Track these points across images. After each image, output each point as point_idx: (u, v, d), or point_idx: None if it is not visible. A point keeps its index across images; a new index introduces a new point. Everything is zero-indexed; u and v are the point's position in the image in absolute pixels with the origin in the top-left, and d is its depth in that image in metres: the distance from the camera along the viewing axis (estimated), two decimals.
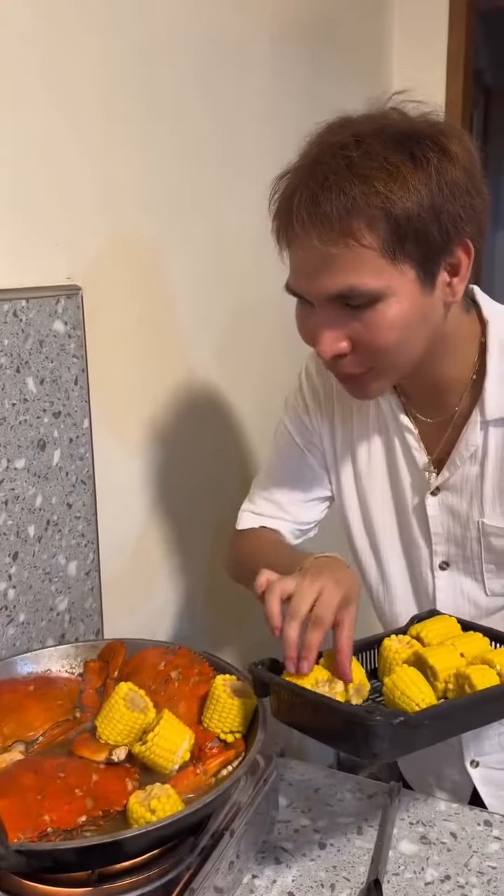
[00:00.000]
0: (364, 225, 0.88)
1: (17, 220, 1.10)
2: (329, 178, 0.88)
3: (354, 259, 0.89)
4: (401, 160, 0.88)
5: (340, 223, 0.88)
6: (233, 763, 0.93)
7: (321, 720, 0.87)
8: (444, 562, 1.14)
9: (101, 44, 1.20)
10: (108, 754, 0.93)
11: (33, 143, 1.10)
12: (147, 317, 1.38)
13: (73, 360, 1.17)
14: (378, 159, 0.88)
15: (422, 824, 1.04)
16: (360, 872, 0.97)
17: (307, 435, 1.21)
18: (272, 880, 0.96)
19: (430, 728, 0.86)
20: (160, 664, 1.05)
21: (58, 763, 0.90)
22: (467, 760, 1.20)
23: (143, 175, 1.33)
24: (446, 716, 0.88)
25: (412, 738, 0.85)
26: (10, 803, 0.82)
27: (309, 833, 1.03)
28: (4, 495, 1.09)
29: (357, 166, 0.88)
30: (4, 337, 1.06)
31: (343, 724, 0.84)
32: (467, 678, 0.90)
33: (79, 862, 0.81)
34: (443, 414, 1.08)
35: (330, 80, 1.92)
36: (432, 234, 0.90)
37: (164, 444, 1.44)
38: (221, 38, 1.50)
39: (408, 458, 1.13)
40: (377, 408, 1.14)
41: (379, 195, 0.87)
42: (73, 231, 1.19)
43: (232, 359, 1.64)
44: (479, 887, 0.94)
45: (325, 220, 0.88)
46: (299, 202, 0.90)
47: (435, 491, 1.11)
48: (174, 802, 0.84)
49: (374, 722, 0.80)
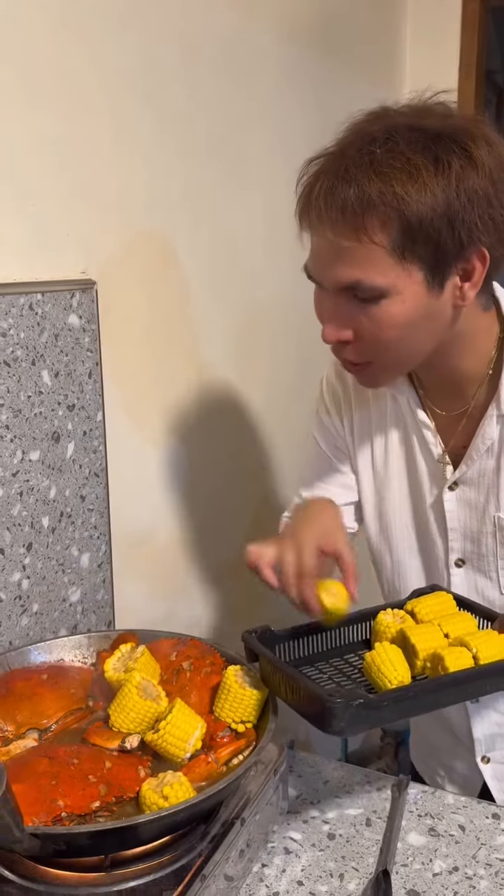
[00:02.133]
0: (377, 223, 0.89)
1: (33, 215, 1.11)
2: (350, 172, 0.89)
3: (363, 254, 0.90)
4: (423, 162, 0.88)
5: (354, 218, 0.89)
6: (244, 752, 0.95)
7: (292, 694, 0.92)
8: (459, 559, 1.14)
9: (115, 46, 1.21)
10: (120, 742, 0.94)
11: (49, 142, 1.12)
12: (159, 312, 1.39)
13: (87, 354, 1.18)
14: (401, 159, 0.88)
15: (430, 817, 1.04)
16: (369, 863, 0.97)
17: (332, 440, 1.22)
18: (281, 869, 0.96)
19: (391, 709, 0.89)
20: (172, 655, 1.06)
21: (71, 750, 0.92)
22: (478, 756, 1.20)
23: (156, 172, 1.34)
24: (409, 697, 0.91)
25: (373, 717, 0.88)
26: (25, 788, 0.83)
27: (318, 824, 1.03)
28: (19, 487, 1.10)
29: (379, 164, 0.88)
30: (20, 330, 1.07)
31: (308, 700, 0.88)
32: (441, 660, 0.92)
33: (92, 846, 0.82)
34: (459, 407, 1.08)
35: (341, 80, 1.93)
36: (444, 239, 0.90)
37: (176, 438, 1.45)
38: (232, 40, 1.51)
39: (425, 452, 1.13)
40: (394, 402, 1.14)
41: (395, 196, 0.87)
42: (88, 226, 1.20)
43: (243, 353, 1.65)
44: (487, 879, 0.95)
45: (339, 212, 0.89)
46: (319, 191, 0.91)
47: (452, 486, 1.11)
48: (186, 789, 0.85)
49: (333, 704, 0.84)
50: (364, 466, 1.20)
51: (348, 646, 1.06)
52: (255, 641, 0.98)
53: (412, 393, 1.11)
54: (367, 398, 1.17)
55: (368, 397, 1.17)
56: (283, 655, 1.01)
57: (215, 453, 1.58)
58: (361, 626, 1.06)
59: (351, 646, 1.06)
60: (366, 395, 1.17)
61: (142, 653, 1.02)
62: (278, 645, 1.01)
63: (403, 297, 0.92)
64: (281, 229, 1.69)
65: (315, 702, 0.86)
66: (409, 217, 0.88)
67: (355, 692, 0.88)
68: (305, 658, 1.03)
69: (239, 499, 1.68)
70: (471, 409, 1.07)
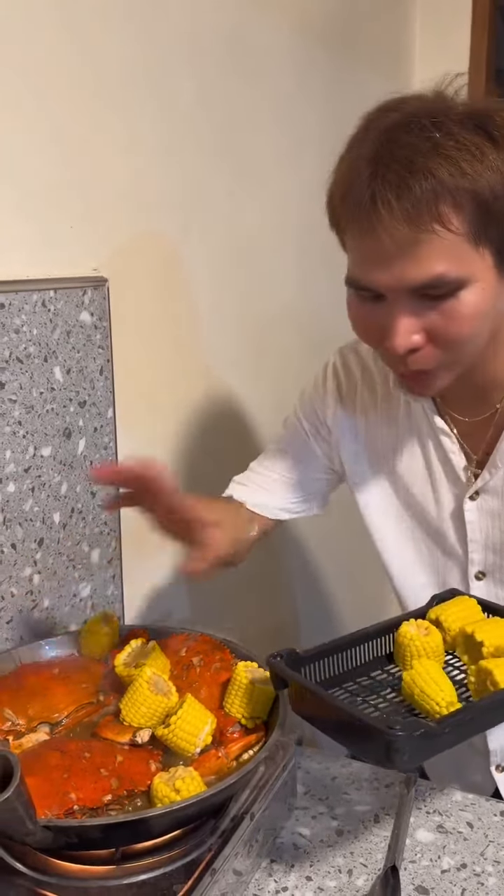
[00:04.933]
0: (451, 208, 0.84)
1: (45, 212, 1.12)
2: (415, 161, 0.83)
3: (442, 245, 0.85)
4: (481, 140, 0.84)
5: (429, 207, 0.83)
6: (253, 748, 0.95)
7: (341, 725, 0.84)
8: (480, 571, 1.10)
9: (124, 43, 1.22)
10: (131, 736, 0.94)
11: (61, 141, 1.13)
12: (170, 309, 1.39)
13: (98, 351, 1.18)
14: (460, 139, 0.83)
15: (438, 814, 1.05)
16: (378, 859, 0.97)
17: (317, 424, 1.18)
18: (290, 865, 0.97)
19: (452, 734, 0.83)
20: (182, 650, 1.07)
21: (83, 744, 0.92)
22: (493, 765, 1.19)
23: (166, 170, 1.35)
24: (469, 721, 0.84)
25: (433, 746, 0.81)
26: (37, 781, 0.83)
27: (326, 820, 1.04)
28: (31, 482, 1.11)
29: (443, 147, 0.83)
30: (33, 327, 1.08)
31: (362, 733, 0.80)
32: (489, 674, 0.87)
33: (104, 839, 0.83)
34: (483, 412, 1.04)
35: (350, 78, 1.93)
36: None
37: (185, 435, 1.45)
38: (243, 37, 1.52)
39: (443, 461, 1.08)
40: (408, 408, 1.10)
41: (466, 176, 0.83)
42: (100, 224, 1.21)
43: (252, 350, 1.65)
44: (496, 876, 0.95)
45: (414, 203, 0.83)
46: (383, 185, 0.84)
47: (474, 495, 1.06)
48: (197, 783, 0.85)
49: (394, 737, 0.76)
50: (373, 473, 1.15)
51: (373, 662, 0.98)
52: (285, 668, 0.89)
53: (428, 399, 1.07)
54: (376, 401, 1.13)
55: (377, 400, 1.13)
56: (310, 677, 0.92)
57: (224, 450, 1.59)
58: (383, 639, 0.99)
59: (376, 661, 0.99)
60: (374, 398, 1.13)
61: (152, 648, 1.02)
62: (304, 668, 0.92)
63: (481, 284, 0.87)
64: (291, 229, 1.70)
65: (372, 736, 0.78)
66: (484, 195, 0.84)
67: (416, 723, 0.80)
68: (332, 679, 0.95)
69: None
70: (497, 416, 1.03)
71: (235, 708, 0.98)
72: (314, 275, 0.98)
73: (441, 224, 0.84)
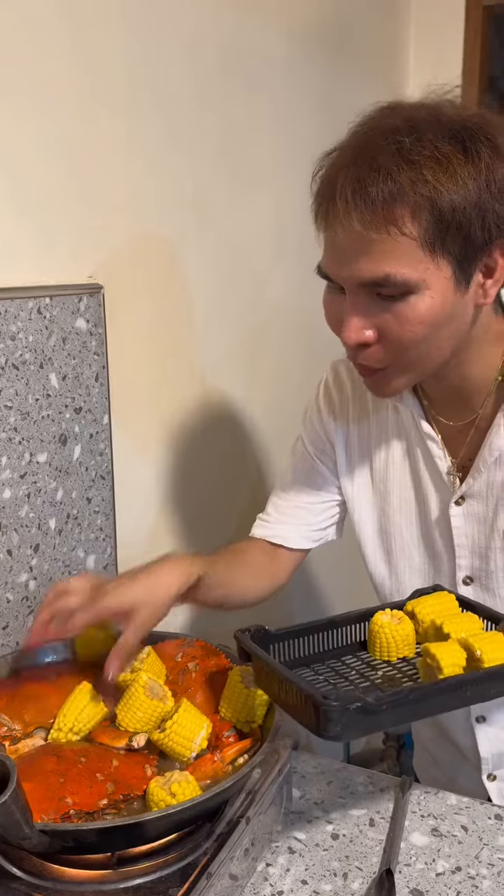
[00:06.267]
0: (408, 213, 0.85)
1: (41, 220, 1.13)
2: (378, 161, 0.85)
3: (393, 247, 0.86)
4: (452, 151, 0.85)
5: (384, 208, 0.85)
6: (249, 752, 0.95)
7: (285, 696, 0.87)
8: (467, 576, 1.10)
9: (121, 49, 1.23)
10: (127, 741, 0.95)
11: (57, 148, 1.13)
12: (165, 316, 1.40)
13: (94, 358, 1.19)
14: (430, 147, 0.84)
15: (433, 817, 1.05)
16: (373, 863, 0.98)
17: (319, 444, 1.19)
18: (286, 869, 0.97)
19: (390, 713, 0.84)
20: (177, 655, 1.07)
21: (79, 748, 0.92)
22: (485, 774, 1.19)
23: (163, 177, 1.35)
24: (409, 702, 0.85)
25: (369, 722, 0.83)
26: (34, 786, 0.84)
27: (322, 824, 1.04)
28: (27, 488, 1.11)
29: (408, 152, 0.84)
30: (29, 333, 1.09)
31: (302, 702, 0.83)
32: (433, 657, 0.88)
33: (100, 843, 0.83)
34: (466, 417, 1.05)
35: (345, 85, 1.94)
36: (474, 231, 0.86)
37: (181, 441, 1.46)
38: (239, 45, 1.53)
39: (430, 466, 1.09)
40: (396, 414, 1.11)
41: (427, 184, 0.84)
42: (96, 231, 1.21)
43: (248, 357, 1.66)
44: (490, 878, 0.96)
45: (369, 203, 0.85)
46: (345, 182, 0.87)
47: (459, 500, 1.07)
48: (193, 788, 0.86)
49: (328, 706, 0.79)
50: (362, 481, 1.16)
51: (345, 647, 1.02)
52: (249, 640, 0.93)
53: (416, 404, 1.08)
54: (367, 410, 1.14)
55: (368, 409, 1.14)
56: (278, 656, 0.97)
57: (220, 456, 1.60)
58: (358, 626, 1.02)
59: (348, 647, 1.02)
60: (365, 406, 1.14)
61: (148, 653, 1.03)
62: (273, 645, 0.97)
63: (432, 293, 0.88)
64: (287, 234, 1.71)
65: (309, 704, 0.81)
66: (442, 207, 0.85)
67: (352, 695, 0.84)
68: (301, 659, 0.99)
69: (240, 501, 1.69)
70: (478, 420, 1.04)
71: (230, 712, 0.99)
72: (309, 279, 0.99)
73: (395, 226, 0.86)
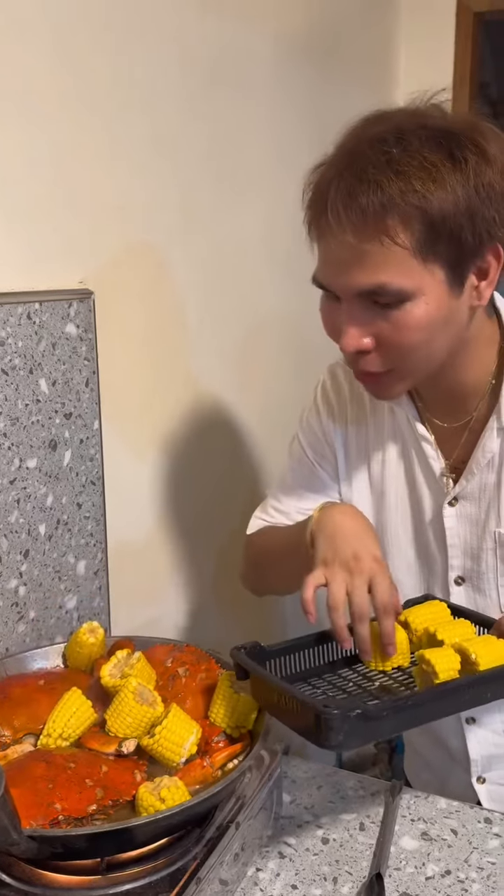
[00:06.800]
0: (399, 223, 0.87)
1: (31, 226, 1.13)
2: (368, 172, 0.87)
3: (386, 256, 0.88)
4: (440, 159, 0.87)
5: (375, 219, 0.87)
6: (238, 757, 0.96)
7: (285, 708, 0.88)
8: (459, 576, 1.12)
9: (110, 58, 1.23)
10: (117, 746, 0.95)
11: (48, 154, 1.14)
12: (156, 321, 1.41)
13: (84, 363, 1.19)
14: (417, 157, 0.86)
15: (423, 821, 1.06)
16: (363, 867, 0.98)
17: (319, 448, 1.20)
18: (276, 873, 0.97)
19: (391, 719, 0.85)
20: (167, 661, 1.07)
21: (68, 754, 0.93)
22: (474, 777, 1.20)
23: (153, 183, 1.36)
24: (409, 708, 0.87)
25: (370, 729, 0.84)
26: (22, 792, 0.84)
27: (312, 828, 1.04)
28: (17, 494, 1.11)
29: (396, 162, 0.86)
30: (18, 339, 1.09)
31: (302, 713, 0.84)
32: (428, 662, 0.90)
33: (89, 848, 0.83)
34: (460, 419, 1.07)
35: (335, 92, 1.95)
36: (465, 236, 0.88)
37: (171, 446, 1.47)
38: (227, 54, 1.53)
39: (424, 467, 1.11)
40: (392, 416, 1.13)
41: (416, 193, 0.86)
42: (86, 237, 1.22)
43: (238, 362, 1.67)
44: (479, 882, 0.96)
45: (360, 214, 0.87)
46: (335, 194, 0.89)
47: (452, 501, 1.09)
48: (182, 793, 0.86)
49: (329, 715, 0.80)
50: (360, 482, 1.17)
51: (340, 660, 1.02)
52: (245, 657, 0.94)
53: (411, 406, 1.09)
54: (364, 412, 1.15)
55: (365, 411, 1.15)
56: (274, 672, 0.97)
57: (211, 461, 1.60)
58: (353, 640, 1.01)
59: (343, 660, 1.02)
60: (363, 409, 1.15)
61: (138, 659, 1.03)
62: (268, 661, 0.97)
63: (427, 299, 0.90)
64: (277, 240, 1.71)
65: (309, 715, 0.82)
66: (433, 215, 0.86)
67: (352, 703, 0.85)
68: (297, 674, 1.00)
69: (233, 507, 1.70)
70: (472, 422, 1.06)
71: (220, 718, 0.99)
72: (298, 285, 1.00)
73: (387, 236, 0.88)
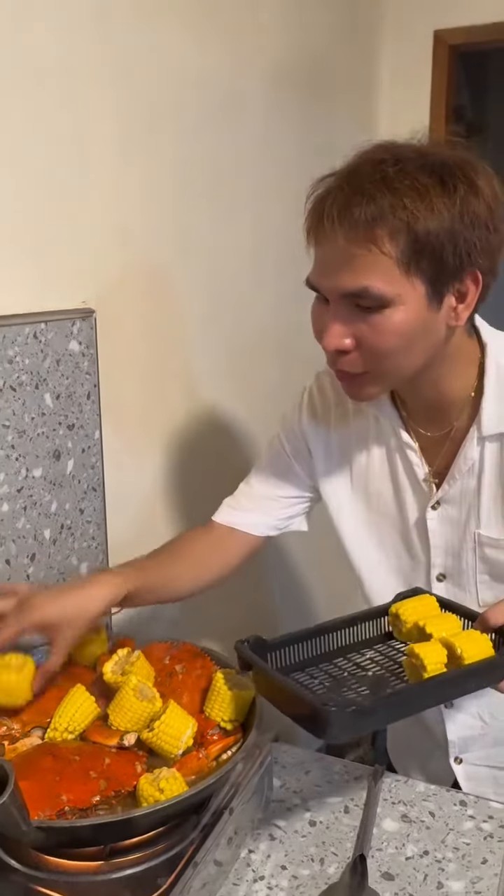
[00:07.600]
0: (387, 234, 0.93)
1: (36, 250, 1.18)
2: (364, 186, 0.94)
3: (372, 263, 0.95)
4: (431, 183, 0.93)
5: (366, 228, 0.94)
6: (232, 748, 1.02)
7: (287, 703, 0.93)
8: (441, 574, 1.17)
9: (116, 91, 1.28)
10: (119, 740, 1.00)
11: (53, 180, 1.18)
12: (153, 336, 1.45)
13: (86, 377, 1.25)
14: (410, 178, 0.93)
15: (403, 804, 1.11)
16: (347, 848, 1.04)
17: (297, 444, 1.25)
18: (267, 855, 1.03)
19: (383, 713, 0.92)
20: (165, 658, 1.13)
21: (73, 747, 0.98)
22: (451, 757, 1.26)
23: (152, 208, 1.41)
24: (399, 702, 0.92)
25: (365, 722, 0.89)
26: (31, 784, 0.89)
27: (300, 812, 1.10)
28: (23, 502, 1.18)
29: (391, 180, 0.93)
30: (25, 357, 1.14)
31: (303, 708, 0.89)
32: (418, 656, 0.93)
33: (93, 837, 0.89)
34: (442, 428, 1.12)
35: (323, 120, 1.99)
36: (447, 256, 0.95)
37: (169, 455, 1.52)
38: (221, 87, 1.58)
39: (409, 472, 1.16)
40: (377, 423, 1.18)
41: (405, 210, 0.92)
42: (89, 259, 1.26)
43: (232, 374, 1.71)
44: (455, 861, 1.02)
45: (352, 222, 0.94)
46: (332, 203, 0.96)
47: (435, 505, 1.14)
48: (180, 784, 0.92)
49: (328, 712, 0.85)
50: (340, 479, 1.23)
51: (338, 650, 1.07)
52: (248, 651, 0.98)
53: (395, 415, 1.15)
54: (348, 417, 1.20)
55: (349, 416, 1.20)
56: (275, 663, 1.01)
57: (206, 469, 1.64)
58: (345, 632, 1.07)
59: (340, 650, 1.07)
60: (346, 414, 1.20)
61: (137, 657, 1.08)
62: (270, 653, 1.01)
63: (406, 308, 0.96)
64: (267, 259, 1.76)
65: (310, 711, 0.87)
66: (418, 231, 0.93)
67: (349, 699, 0.91)
68: (297, 664, 1.03)
69: None
70: (453, 432, 1.12)
71: (215, 712, 1.05)
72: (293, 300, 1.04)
73: (375, 245, 0.94)
